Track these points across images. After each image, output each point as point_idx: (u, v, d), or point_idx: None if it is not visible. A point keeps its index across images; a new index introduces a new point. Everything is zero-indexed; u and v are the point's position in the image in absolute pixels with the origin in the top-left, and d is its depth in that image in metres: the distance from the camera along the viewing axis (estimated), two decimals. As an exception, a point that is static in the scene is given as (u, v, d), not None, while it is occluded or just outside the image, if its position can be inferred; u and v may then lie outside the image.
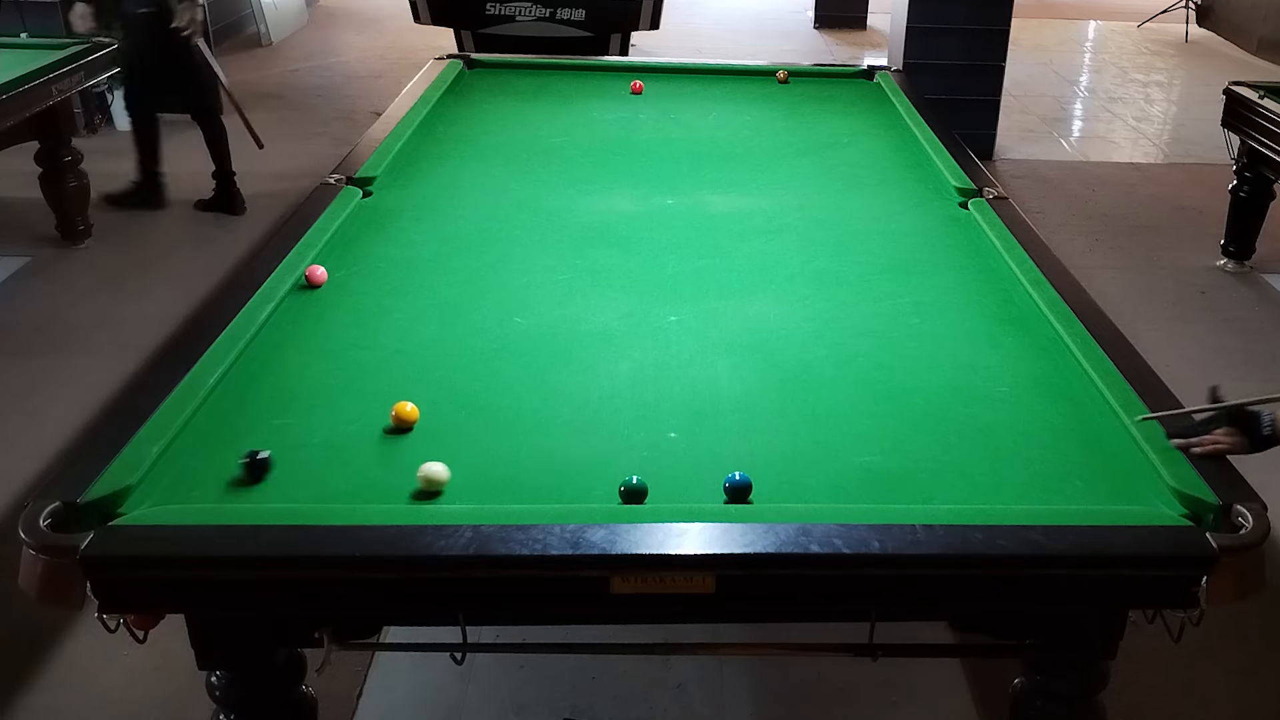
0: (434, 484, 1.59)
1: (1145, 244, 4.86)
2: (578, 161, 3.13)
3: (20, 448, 3.12)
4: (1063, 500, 1.62)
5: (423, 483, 1.59)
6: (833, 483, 1.66)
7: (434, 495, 1.58)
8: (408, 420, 1.76)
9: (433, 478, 1.59)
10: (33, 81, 3.94)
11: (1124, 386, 1.86)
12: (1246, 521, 1.50)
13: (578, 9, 5.39)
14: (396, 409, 1.76)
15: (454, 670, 1.78)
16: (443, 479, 1.59)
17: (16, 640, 2.44)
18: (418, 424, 1.77)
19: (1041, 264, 2.34)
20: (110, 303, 4.02)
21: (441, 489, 1.59)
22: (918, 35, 5.67)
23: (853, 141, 3.38)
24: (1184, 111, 7.19)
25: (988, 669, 2.35)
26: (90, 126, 5.72)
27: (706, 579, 1.48)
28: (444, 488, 1.59)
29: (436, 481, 1.59)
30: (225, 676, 1.69)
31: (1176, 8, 9.37)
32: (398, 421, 1.76)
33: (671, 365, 1.99)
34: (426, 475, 1.59)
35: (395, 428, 1.76)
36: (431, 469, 1.59)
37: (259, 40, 8.07)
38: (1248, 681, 2.46)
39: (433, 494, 1.58)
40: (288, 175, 5.18)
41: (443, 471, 1.60)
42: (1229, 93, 4.34)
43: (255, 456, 1.62)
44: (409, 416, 1.76)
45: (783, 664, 2.41)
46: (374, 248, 2.48)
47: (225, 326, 1.99)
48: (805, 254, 2.52)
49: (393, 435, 1.74)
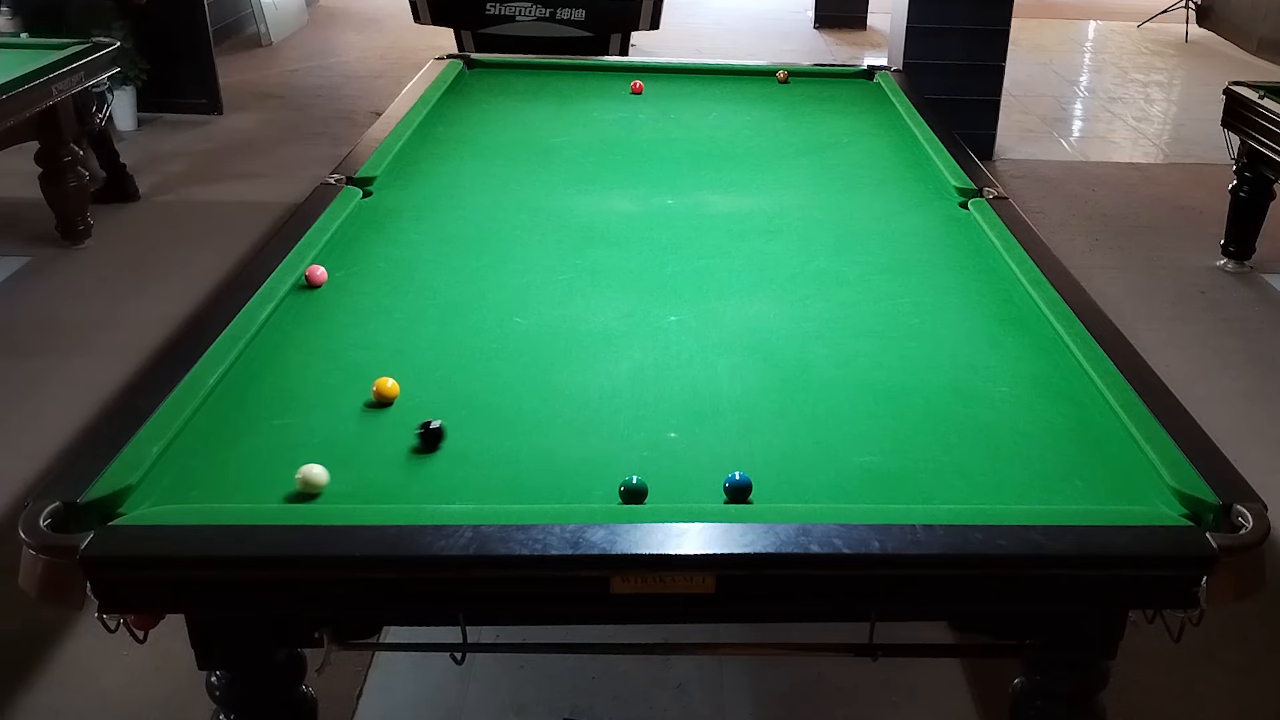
0: (311, 486, 1.57)
1: (1145, 244, 4.86)
2: (578, 161, 3.13)
3: (20, 448, 3.12)
4: (1062, 500, 1.62)
5: (300, 484, 1.57)
6: (833, 483, 1.66)
7: (312, 497, 1.57)
8: (388, 396, 1.80)
9: (310, 480, 1.57)
10: (33, 81, 3.94)
11: (1124, 386, 1.86)
12: (1246, 521, 1.50)
13: (578, 9, 5.39)
14: (377, 384, 1.81)
15: (454, 670, 1.78)
16: (321, 482, 1.58)
17: (16, 640, 2.44)
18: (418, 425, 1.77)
19: (1041, 264, 2.34)
20: (110, 303, 4.02)
21: (319, 492, 1.57)
22: (918, 35, 5.67)
23: (853, 141, 3.38)
24: (1184, 111, 7.19)
25: (988, 669, 2.35)
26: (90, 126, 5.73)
27: (706, 579, 1.48)
28: (321, 490, 1.57)
29: (314, 484, 1.57)
30: (225, 676, 1.69)
31: (1176, 8, 9.37)
32: (378, 397, 1.80)
33: (671, 365, 1.99)
34: (304, 477, 1.57)
35: (376, 403, 1.81)
36: (310, 471, 1.58)
37: (259, 40, 8.07)
38: (1248, 681, 2.46)
39: (310, 496, 1.57)
40: (288, 175, 5.18)
41: (321, 474, 1.58)
42: (1229, 93, 4.34)
43: (429, 426, 1.70)
44: (389, 392, 1.81)
45: (783, 664, 2.41)
46: (374, 248, 2.48)
47: (225, 326, 1.98)
48: (805, 254, 2.52)
49: (392, 435, 1.74)
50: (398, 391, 1.82)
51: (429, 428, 1.70)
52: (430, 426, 1.70)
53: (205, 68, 6.23)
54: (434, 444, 1.70)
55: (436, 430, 1.70)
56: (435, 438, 1.70)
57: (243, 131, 6.10)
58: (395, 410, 1.81)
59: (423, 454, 1.69)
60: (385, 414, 1.80)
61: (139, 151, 5.64)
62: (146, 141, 5.83)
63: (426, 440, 1.70)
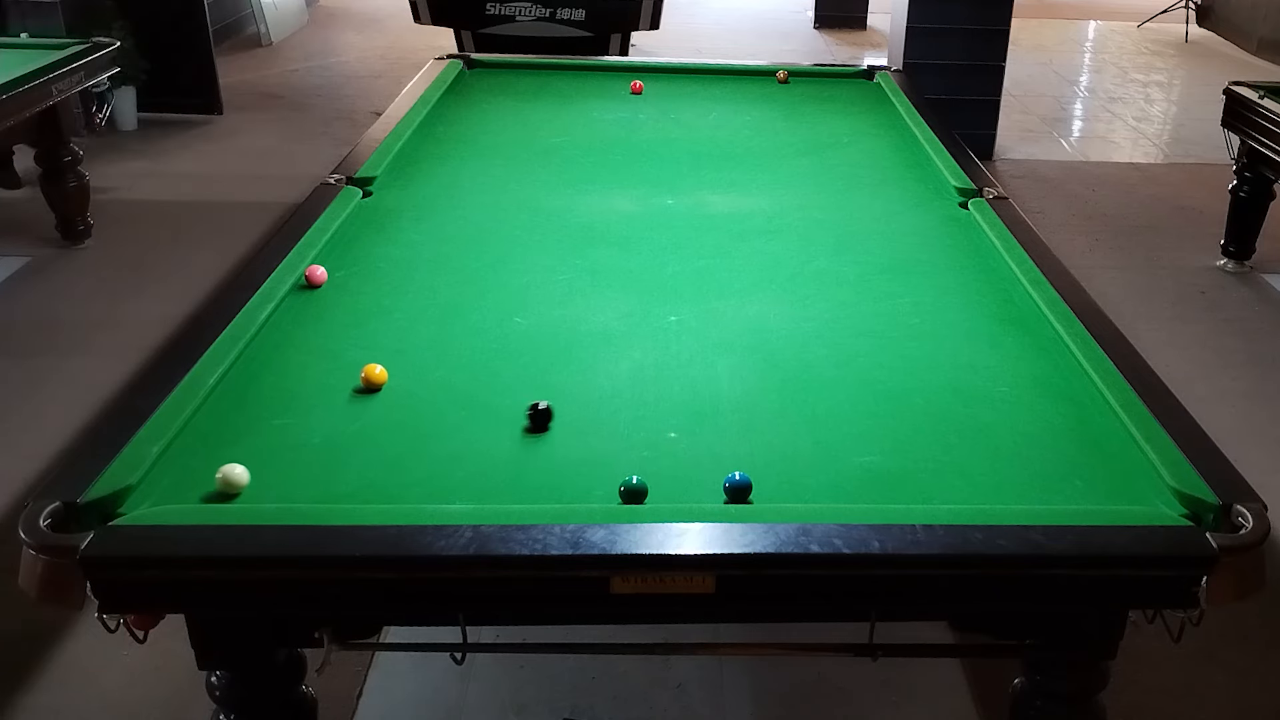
0: (231, 486, 1.57)
1: (1145, 244, 4.86)
2: (578, 161, 3.13)
3: (20, 448, 3.12)
4: (1062, 500, 1.62)
5: (220, 484, 1.57)
6: (833, 483, 1.66)
7: (232, 497, 1.56)
8: (376, 382, 1.85)
9: (231, 479, 1.57)
10: (33, 81, 3.94)
11: (1124, 386, 1.86)
12: (1246, 521, 1.50)
13: (578, 9, 5.39)
14: (366, 371, 1.86)
15: (454, 670, 1.78)
16: (242, 482, 1.57)
17: (16, 640, 2.44)
18: (418, 425, 1.77)
19: (1041, 264, 2.34)
20: (110, 303, 4.02)
21: (239, 492, 1.57)
22: (918, 35, 5.67)
23: (853, 141, 3.38)
24: (1184, 111, 7.19)
25: (988, 669, 2.35)
26: (90, 126, 5.74)
27: (706, 579, 1.48)
28: (241, 490, 1.57)
29: (234, 484, 1.57)
30: (225, 676, 1.69)
31: (1176, 8, 9.37)
32: (367, 384, 1.85)
33: (671, 365, 1.99)
34: (224, 476, 1.57)
35: (365, 389, 1.85)
36: (230, 471, 1.57)
37: (259, 40, 8.07)
38: (1248, 681, 2.46)
39: (230, 495, 1.56)
40: (287, 175, 5.18)
41: (243, 474, 1.58)
42: (1229, 93, 4.34)
43: (537, 408, 1.75)
44: (377, 379, 1.85)
45: (783, 664, 2.41)
46: (374, 248, 2.48)
47: (225, 326, 1.98)
48: (805, 254, 2.52)
49: (392, 435, 1.75)
50: (386, 378, 1.86)
51: (537, 409, 1.75)
52: (538, 408, 1.75)
53: (205, 68, 6.22)
54: (544, 424, 1.75)
55: (545, 410, 1.75)
56: (545, 418, 1.75)
57: (243, 131, 6.10)
58: (395, 410, 1.81)
59: (534, 434, 1.75)
60: (386, 414, 1.80)
61: (139, 151, 5.65)
62: (146, 141, 5.84)
63: (536, 421, 1.75)
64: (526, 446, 1.73)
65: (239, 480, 1.58)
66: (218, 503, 1.56)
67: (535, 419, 1.75)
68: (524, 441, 1.74)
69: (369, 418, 1.79)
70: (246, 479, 1.58)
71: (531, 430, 1.75)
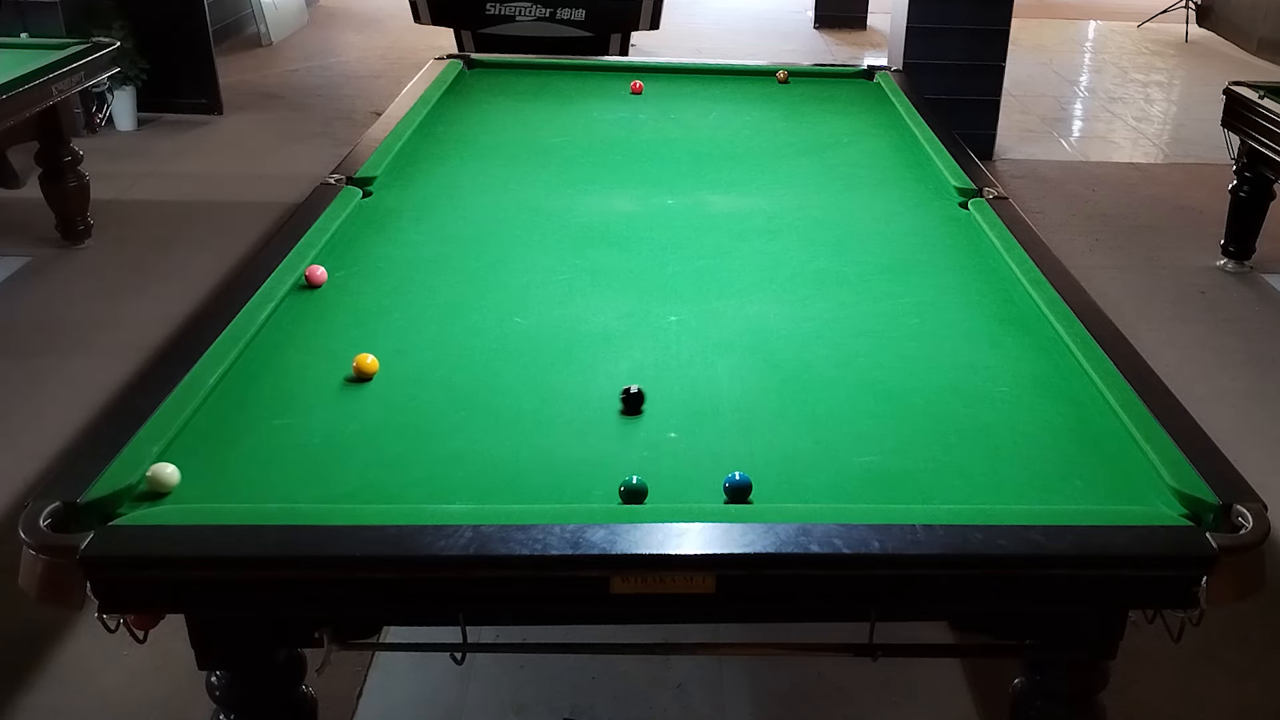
0: (160, 485, 1.56)
1: (1145, 244, 4.87)
2: (578, 161, 3.13)
3: (20, 448, 3.12)
4: (1062, 500, 1.62)
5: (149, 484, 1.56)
6: (833, 483, 1.66)
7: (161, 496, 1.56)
8: (367, 371, 1.89)
9: (160, 479, 1.56)
10: (33, 81, 3.94)
11: (1124, 386, 1.86)
12: (1246, 521, 1.50)
13: (578, 9, 5.39)
14: (357, 360, 1.89)
15: (454, 670, 1.78)
16: (172, 482, 1.57)
17: (16, 640, 2.44)
18: (418, 425, 1.77)
19: (1041, 264, 2.34)
20: (110, 303, 4.02)
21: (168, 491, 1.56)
22: (918, 35, 5.67)
23: (853, 141, 3.38)
24: (1184, 111, 7.19)
25: (988, 669, 2.35)
26: (90, 126, 5.74)
27: (706, 579, 1.48)
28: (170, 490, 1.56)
29: (163, 484, 1.56)
30: (225, 676, 1.69)
31: (1176, 8, 9.37)
32: (358, 372, 1.89)
33: (671, 365, 1.99)
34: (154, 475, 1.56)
35: (356, 378, 1.89)
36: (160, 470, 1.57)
37: (259, 40, 8.07)
38: (1248, 681, 2.46)
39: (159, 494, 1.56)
40: (288, 175, 5.18)
41: (173, 474, 1.57)
42: (1229, 93, 4.34)
43: (629, 391, 1.80)
44: (369, 368, 1.89)
45: (783, 664, 2.41)
46: (374, 248, 2.48)
47: (225, 326, 1.99)
48: (805, 254, 2.52)
49: (392, 435, 1.74)
50: (377, 367, 1.90)
51: (629, 393, 1.79)
52: (630, 391, 1.80)
53: (205, 68, 6.23)
54: (637, 408, 1.79)
55: (637, 394, 1.79)
56: (638, 401, 1.79)
57: (243, 131, 6.10)
58: (395, 411, 1.81)
59: (629, 417, 1.79)
60: (386, 414, 1.80)
61: (139, 151, 5.65)
62: (146, 141, 5.84)
63: (630, 404, 1.79)
64: (527, 446, 1.73)
65: (169, 480, 1.56)
66: (224, 501, 1.56)
67: (628, 403, 1.80)
68: (524, 441, 1.74)
69: (369, 418, 1.79)
70: (177, 478, 1.57)
71: (626, 413, 1.80)
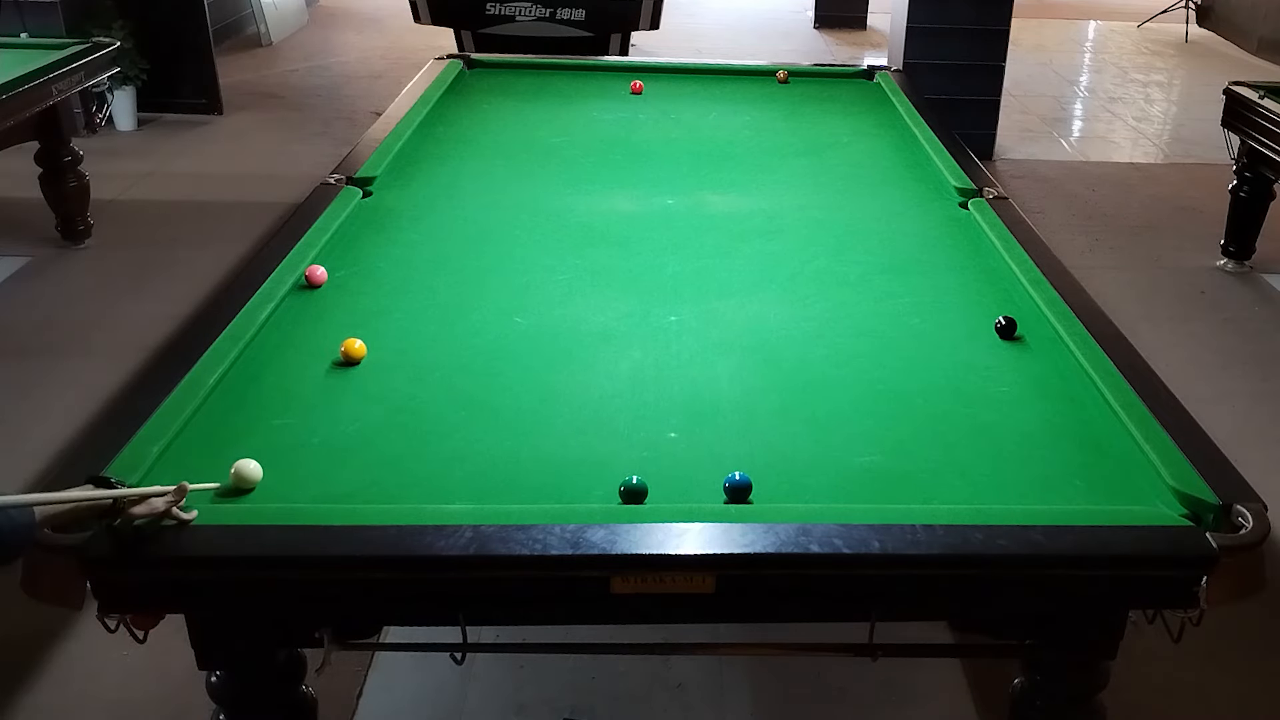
0: (245, 482, 1.57)
1: (1145, 244, 4.86)
2: (578, 161, 3.13)
3: (20, 448, 3.11)
4: (1063, 500, 1.62)
5: (234, 479, 1.57)
6: (833, 483, 1.66)
7: (246, 492, 1.57)
8: (355, 356, 1.93)
9: (245, 475, 1.57)
10: (33, 81, 3.94)
11: (1124, 386, 1.86)
12: (1246, 521, 1.50)
13: (578, 9, 5.39)
14: (345, 345, 1.93)
15: (454, 670, 1.78)
16: (255, 478, 1.57)
17: (16, 640, 2.44)
18: (418, 425, 1.77)
19: (1041, 264, 2.34)
20: (110, 303, 4.02)
21: (252, 487, 1.57)
22: (918, 35, 5.67)
23: (853, 141, 3.38)
24: (1184, 111, 7.19)
25: (988, 669, 2.35)
26: (90, 126, 5.74)
27: (706, 579, 1.48)
28: (255, 485, 1.57)
29: (248, 479, 1.57)
30: (225, 676, 1.69)
31: (1176, 8, 9.37)
32: (346, 357, 1.93)
33: (671, 365, 1.99)
34: (239, 472, 1.56)
35: (344, 362, 1.93)
36: (244, 466, 1.57)
37: (259, 40, 8.07)
38: (1248, 681, 2.46)
39: (244, 490, 1.57)
40: (288, 175, 5.18)
41: (256, 470, 1.58)
42: (1229, 93, 4.34)
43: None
44: (356, 353, 1.93)
45: (783, 664, 2.41)
46: (374, 248, 2.48)
47: (225, 326, 1.99)
48: (805, 254, 2.52)
49: (393, 435, 1.74)
50: (365, 352, 1.94)
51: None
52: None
53: (205, 68, 6.22)
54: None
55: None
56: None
57: (243, 131, 6.10)
58: (395, 411, 1.81)
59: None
60: (386, 414, 1.80)
61: (139, 151, 5.65)
62: (146, 141, 5.83)
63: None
64: (527, 446, 1.73)
65: (252, 476, 1.57)
66: (224, 501, 1.56)
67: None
68: (524, 441, 1.74)
69: (369, 418, 1.79)
70: (259, 474, 1.58)
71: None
